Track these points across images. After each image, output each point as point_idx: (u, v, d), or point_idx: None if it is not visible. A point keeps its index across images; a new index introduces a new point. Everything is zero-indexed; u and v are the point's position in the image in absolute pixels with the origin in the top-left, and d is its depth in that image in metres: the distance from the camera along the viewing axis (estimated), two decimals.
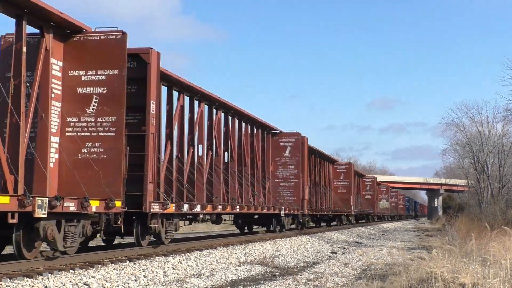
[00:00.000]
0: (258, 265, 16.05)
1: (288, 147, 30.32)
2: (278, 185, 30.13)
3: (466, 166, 51.63)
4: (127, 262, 13.46)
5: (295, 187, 30.31)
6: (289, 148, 30.31)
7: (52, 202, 11.45)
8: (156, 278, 12.37)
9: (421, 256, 18.77)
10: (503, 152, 43.07)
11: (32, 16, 12.38)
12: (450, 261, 11.98)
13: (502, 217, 29.63)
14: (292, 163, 30.22)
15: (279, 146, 30.28)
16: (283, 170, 30.29)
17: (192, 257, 15.64)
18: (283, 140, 30.34)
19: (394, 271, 13.44)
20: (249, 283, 12.69)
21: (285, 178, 30.32)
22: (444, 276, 10.68)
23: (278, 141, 30.25)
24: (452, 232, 26.35)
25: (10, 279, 10.27)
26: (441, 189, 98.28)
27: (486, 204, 40.91)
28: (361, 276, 14.41)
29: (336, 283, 12.90)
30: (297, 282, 12.78)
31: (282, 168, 30.28)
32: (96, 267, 12.36)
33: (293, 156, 30.22)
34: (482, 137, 45.10)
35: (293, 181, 30.27)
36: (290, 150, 30.29)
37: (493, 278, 9.97)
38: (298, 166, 30.33)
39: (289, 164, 30.23)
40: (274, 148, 30.03)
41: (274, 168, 30.03)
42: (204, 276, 13.29)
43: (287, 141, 30.33)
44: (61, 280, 10.69)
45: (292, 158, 30.21)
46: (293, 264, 17.02)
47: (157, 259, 14.47)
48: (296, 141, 30.47)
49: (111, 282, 11.23)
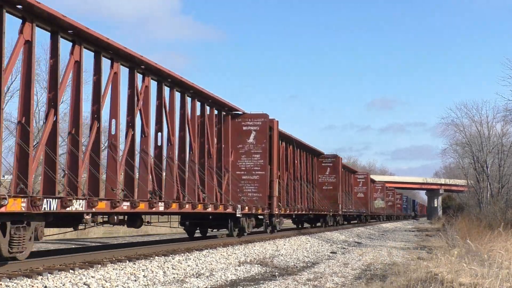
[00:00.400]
0: (258, 265, 16.05)
1: (253, 131, 24.57)
2: (240, 179, 24.58)
3: (466, 166, 51.66)
4: (126, 262, 13.46)
5: (260, 181, 24.62)
6: (254, 133, 24.55)
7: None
8: (155, 278, 12.37)
9: (421, 256, 18.81)
10: (502, 152, 43.07)
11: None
12: (450, 261, 12.00)
13: (501, 217, 29.64)
14: (258, 151, 24.52)
15: (242, 130, 24.47)
16: (246, 160, 24.59)
17: (192, 257, 15.65)
18: (246, 123, 24.53)
19: (394, 271, 13.47)
20: (249, 283, 12.68)
21: (249, 169, 24.61)
22: (443, 276, 10.69)
23: (240, 125, 24.45)
24: (451, 232, 26.34)
25: (10, 279, 10.27)
26: (440, 189, 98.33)
27: (486, 204, 40.92)
28: (361, 276, 14.41)
29: (335, 283, 12.90)
30: (296, 282, 12.78)
31: (245, 158, 24.58)
32: (96, 267, 12.37)
33: (259, 143, 24.49)
34: (482, 137, 45.11)
35: (258, 173, 24.54)
36: (255, 135, 24.53)
37: (492, 278, 9.98)
38: (265, 155, 24.58)
39: (253, 152, 24.52)
40: (235, 133, 24.24)
41: (236, 158, 24.40)
42: (203, 276, 13.29)
43: (252, 125, 24.53)
44: (61, 280, 10.69)
45: (257, 146, 24.51)
46: (292, 264, 17.02)
47: (157, 259, 14.47)
48: (262, 124, 24.67)
49: (111, 282, 11.23)
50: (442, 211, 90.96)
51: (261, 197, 24.68)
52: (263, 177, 24.63)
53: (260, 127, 24.58)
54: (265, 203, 24.89)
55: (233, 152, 24.23)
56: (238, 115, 24.60)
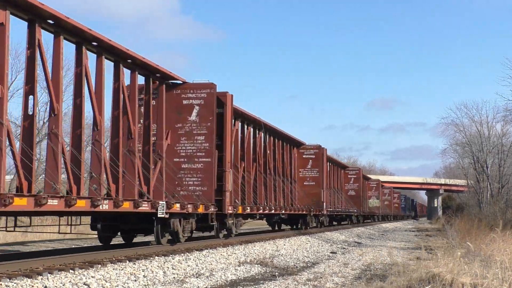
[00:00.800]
0: (258, 265, 16.05)
1: (196, 106, 19.40)
2: (179, 168, 19.45)
3: (466, 166, 51.70)
4: (126, 262, 13.46)
5: (205, 170, 19.35)
6: (197, 108, 19.39)
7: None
8: (155, 278, 12.37)
9: (421, 256, 18.81)
10: (502, 152, 43.10)
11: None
12: (450, 261, 11.99)
13: (501, 217, 29.64)
14: (202, 132, 19.35)
15: (182, 105, 19.42)
16: (187, 143, 19.45)
17: (192, 257, 15.65)
18: (187, 95, 19.43)
19: (394, 271, 13.45)
20: (249, 283, 12.68)
21: (190, 156, 19.42)
22: (444, 276, 10.69)
23: (179, 97, 19.49)
24: (451, 232, 26.32)
25: (10, 279, 10.26)
26: (440, 189, 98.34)
27: (486, 204, 40.95)
28: (361, 276, 14.40)
29: (335, 283, 12.90)
30: (296, 282, 12.77)
31: (185, 141, 19.44)
32: (96, 267, 12.36)
33: (203, 121, 19.35)
34: (482, 137, 45.13)
35: (202, 161, 19.32)
36: (199, 111, 19.39)
37: (492, 278, 9.98)
38: (211, 138, 19.32)
39: (196, 134, 19.41)
40: (172, 108, 19.13)
41: (174, 141, 19.37)
42: (203, 276, 13.29)
43: (194, 97, 19.43)
44: (61, 280, 10.69)
45: (201, 125, 19.36)
46: (292, 264, 17.02)
47: (157, 259, 14.47)
48: (208, 96, 19.35)
49: (111, 282, 11.23)
50: (442, 211, 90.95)
51: (206, 191, 19.31)
52: (208, 165, 19.30)
53: (205, 101, 19.25)
54: (211, 199, 19.32)
55: (169, 133, 19.17)
56: (176, 85, 19.36)
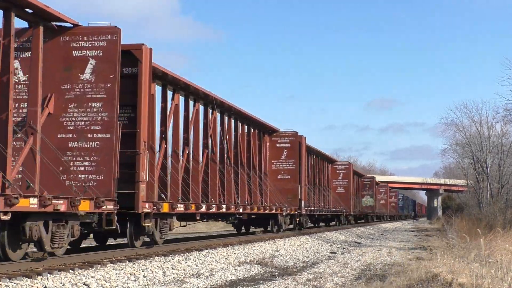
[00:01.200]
0: (258, 265, 16.05)
1: (90, 59, 13.85)
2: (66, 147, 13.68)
3: (466, 166, 51.64)
4: (126, 262, 13.45)
5: (102, 150, 13.66)
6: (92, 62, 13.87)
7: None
8: (155, 278, 12.37)
9: (421, 256, 18.82)
10: (502, 152, 43.08)
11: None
12: (450, 261, 12.01)
13: (501, 217, 29.66)
14: (99, 96, 13.76)
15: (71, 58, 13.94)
16: (77, 112, 13.80)
17: (192, 257, 15.65)
18: (79, 44, 13.88)
19: (394, 271, 13.47)
20: (249, 283, 12.68)
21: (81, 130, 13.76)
22: (443, 276, 10.70)
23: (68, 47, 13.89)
24: (451, 232, 26.35)
25: (10, 279, 10.26)
26: (440, 189, 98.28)
27: (486, 204, 40.93)
28: (361, 276, 14.41)
29: (335, 283, 12.90)
30: (296, 282, 12.77)
31: (75, 108, 13.82)
32: (96, 267, 12.36)
33: (101, 80, 13.80)
34: (482, 137, 45.11)
35: (99, 137, 13.71)
36: (95, 66, 13.87)
37: (492, 278, 9.99)
38: (112, 104, 13.69)
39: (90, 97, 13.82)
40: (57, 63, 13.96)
41: (59, 109, 13.79)
42: (203, 276, 13.29)
43: (88, 47, 13.90)
44: (61, 280, 10.69)
45: (98, 86, 13.82)
46: (292, 264, 17.02)
47: (157, 259, 14.46)
48: (107, 45, 13.76)
49: (111, 282, 11.23)
50: (442, 211, 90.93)
51: (102, 181, 13.57)
52: (107, 143, 13.61)
53: (105, 52, 13.81)
54: (109, 192, 13.58)
55: (51, 98, 13.72)
56: (64, 29, 13.86)
